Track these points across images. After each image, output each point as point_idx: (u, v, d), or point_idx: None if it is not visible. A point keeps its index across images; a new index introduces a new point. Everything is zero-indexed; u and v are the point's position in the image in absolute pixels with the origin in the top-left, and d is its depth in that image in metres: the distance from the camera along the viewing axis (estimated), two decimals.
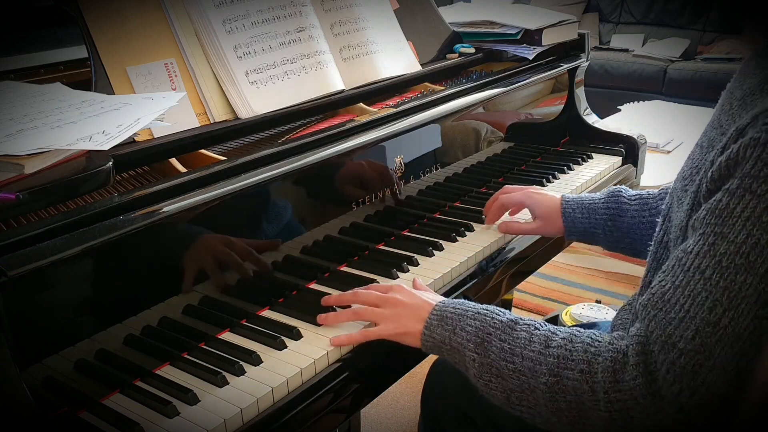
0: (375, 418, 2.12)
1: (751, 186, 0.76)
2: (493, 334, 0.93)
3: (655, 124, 3.62)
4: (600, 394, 0.82)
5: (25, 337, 0.84)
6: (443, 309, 1.00)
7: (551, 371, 0.86)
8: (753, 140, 0.77)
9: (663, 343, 0.79)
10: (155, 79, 1.15)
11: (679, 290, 0.80)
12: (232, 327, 1.08)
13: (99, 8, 1.12)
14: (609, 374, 0.81)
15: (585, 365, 0.84)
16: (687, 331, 0.77)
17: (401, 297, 1.05)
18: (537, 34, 1.78)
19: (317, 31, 1.36)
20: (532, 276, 1.99)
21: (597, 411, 0.82)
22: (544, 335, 0.89)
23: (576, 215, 1.31)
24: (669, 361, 0.78)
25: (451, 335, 0.96)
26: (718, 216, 0.78)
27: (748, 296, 0.76)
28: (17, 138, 0.88)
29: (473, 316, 0.96)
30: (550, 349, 0.87)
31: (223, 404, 0.91)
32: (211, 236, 1.05)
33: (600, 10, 5.52)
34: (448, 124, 1.49)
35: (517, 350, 0.90)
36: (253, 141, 1.24)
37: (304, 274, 1.21)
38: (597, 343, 0.85)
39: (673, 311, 0.79)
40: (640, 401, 0.79)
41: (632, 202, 1.27)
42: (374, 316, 1.05)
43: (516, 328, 0.92)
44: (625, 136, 1.87)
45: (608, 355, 0.83)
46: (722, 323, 0.76)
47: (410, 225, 1.43)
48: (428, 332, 0.99)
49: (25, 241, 0.84)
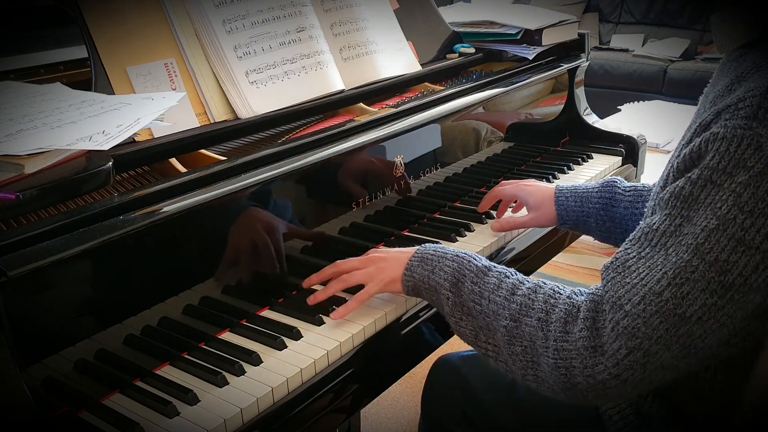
0: (375, 418, 2.12)
1: (711, 176, 0.80)
2: (467, 276, 0.99)
3: (655, 124, 3.62)
4: (550, 341, 0.87)
5: (25, 337, 0.84)
6: (424, 251, 1.07)
7: (512, 316, 0.92)
8: (713, 135, 0.81)
9: (613, 303, 0.83)
10: (155, 79, 1.15)
11: (641, 261, 0.84)
12: (232, 327, 1.08)
13: (99, 8, 1.12)
14: (561, 324, 0.87)
15: (543, 314, 0.89)
16: (635, 297, 0.81)
17: (381, 253, 1.12)
18: (537, 34, 1.78)
19: (317, 31, 1.36)
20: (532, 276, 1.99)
21: (546, 357, 0.87)
22: (512, 283, 0.95)
23: (569, 203, 1.33)
24: (614, 320, 0.82)
25: (429, 274, 1.03)
26: (684, 200, 0.82)
27: (694, 280, 0.79)
28: (17, 138, 0.88)
29: (452, 258, 1.03)
30: (515, 296, 0.93)
31: (223, 404, 0.91)
32: (211, 236, 1.05)
33: (600, 10, 5.52)
34: (448, 124, 1.49)
35: (486, 293, 0.96)
36: (253, 141, 1.24)
37: (304, 274, 1.21)
38: (557, 295, 0.91)
39: (629, 277, 0.83)
40: (581, 352, 0.84)
41: (626, 193, 1.28)
42: (360, 277, 1.10)
43: (488, 274, 0.98)
44: (625, 136, 1.87)
45: (563, 307, 0.88)
46: (664, 296, 0.80)
47: (410, 225, 1.43)
48: (409, 273, 1.06)
49: (25, 241, 0.84)
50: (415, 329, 1.14)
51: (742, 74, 0.88)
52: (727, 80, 0.91)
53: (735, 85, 0.88)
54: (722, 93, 0.89)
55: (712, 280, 0.78)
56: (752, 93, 0.82)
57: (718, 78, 0.96)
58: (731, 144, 0.79)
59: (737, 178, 0.78)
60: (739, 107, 0.81)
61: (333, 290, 1.11)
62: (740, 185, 0.78)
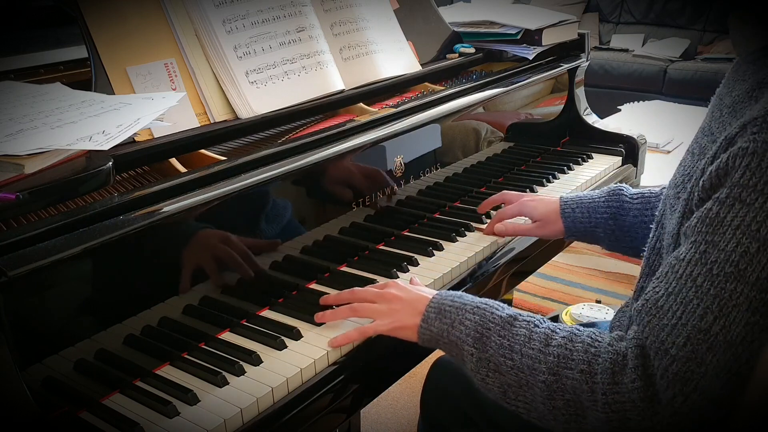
0: (375, 418, 2.12)
1: (740, 195, 0.77)
2: (492, 329, 0.92)
3: (655, 124, 3.62)
4: (599, 395, 0.82)
5: (25, 337, 0.84)
6: (441, 302, 0.99)
7: (550, 370, 0.86)
8: (741, 150, 0.78)
9: (657, 349, 0.79)
10: (155, 79, 1.15)
11: (671, 297, 0.80)
12: (232, 327, 1.08)
13: (99, 8, 1.12)
14: (608, 376, 0.81)
15: (585, 365, 0.84)
16: (679, 338, 0.78)
17: (397, 292, 1.05)
18: (537, 34, 1.78)
19: (317, 31, 1.36)
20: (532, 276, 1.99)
21: (595, 411, 0.82)
22: (544, 333, 0.89)
23: (576, 215, 1.30)
24: (662, 368, 0.78)
25: (449, 329, 0.96)
26: (709, 225, 0.79)
27: (739, 304, 0.76)
28: (17, 138, 0.88)
29: (472, 310, 0.95)
30: (549, 348, 0.87)
31: (223, 404, 0.91)
32: (211, 236, 1.05)
33: (600, 10, 5.52)
34: (448, 124, 1.49)
35: (516, 347, 0.89)
36: (253, 141, 1.24)
37: (304, 274, 1.21)
38: (597, 343, 0.85)
39: (666, 318, 0.80)
40: (638, 404, 0.79)
41: (634, 201, 1.26)
42: (371, 312, 1.05)
43: (515, 325, 0.91)
44: (625, 136, 1.87)
45: (608, 356, 0.83)
46: (713, 330, 0.77)
47: (410, 225, 1.43)
48: (426, 325, 0.99)
49: (25, 241, 0.84)
50: None
51: (763, 79, 0.85)
52: (746, 85, 0.87)
53: (756, 91, 0.85)
54: (742, 99, 0.86)
55: (755, 299, 0.76)
56: None
57: (733, 81, 0.92)
58: (763, 159, 0.76)
59: None
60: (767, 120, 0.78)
61: (342, 316, 1.07)
62: None
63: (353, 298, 1.09)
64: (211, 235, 1.06)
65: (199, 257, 1.04)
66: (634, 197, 1.27)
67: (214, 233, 1.06)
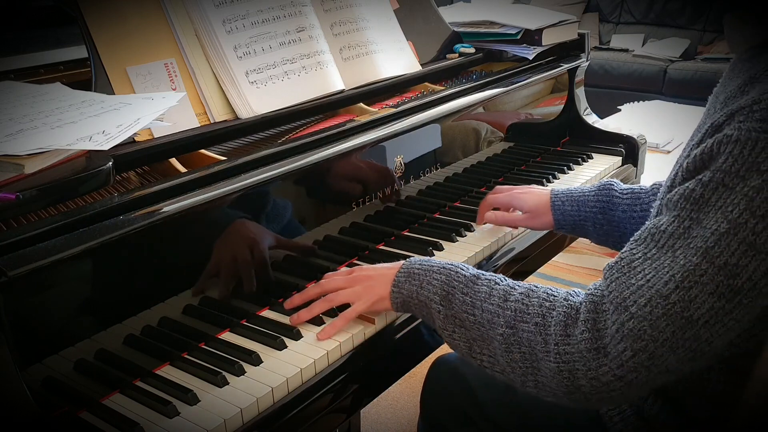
0: (375, 418, 2.12)
1: (723, 180, 0.79)
2: (456, 287, 0.98)
3: (655, 124, 3.62)
4: (551, 345, 0.86)
5: (25, 337, 0.84)
6: (410, 266, 1.05)
7: (508, 323, 0.90)
8: (727, 137, 0.80)
9: (618, 304, 0.82)
10: (155, 79, 1.15)
11: (647, 262, 0.83)
12: (232, 327, 1.08)
13: (99, 8, 1.12)
14: (560, 327, 0.86)
15: (539, 318, 0.88)
16: (641, 299, 0.80)
17: (367, 272, 1.09)
18: (537, 34, 1.78)
19: (317, 31, 1.36)
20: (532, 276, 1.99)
21: (547, 362, 0.86)
22: (503, 289, 0.94)
23: (566, 207, 1.32)
24: (619, 322, 0.81)
25: (418, 289, 1.01)
26: (694, 203, 0.81)
27: (702, 283, 0.78)
28: (17, 138, 0.88)
29: (439, 270, 1.01)
30: (508, 302, 0.92)
31: (223, 404, 0.91)
32: (211, 236, 1.05)
33: (600, 10, 5.52)
34: (448, 124, 1.49)
35: (478, 303, 0.94)
36: (253, 141, 1.24)
37: (304, 274, 1.21)
38: (552, 297, 0.89)
39: (635, 278, 0.82)
40: (584, 354, 0.83)
41: (624, 196, 1.27)
42: (346, 297, 1.08)
43: (478, 282, 0.97)
44: (625, 136, 1.87)
45: (561, 309, 0.87)
46: (672, 298, 0.79)
47: (410, 225, 1.43)
48: (396, 289, 1.04)
49: (25, 241, 0.84)
50: (414, 330, 1.14)
51: (755, 75, 0.87)
52: (739, 81, 0.89)
53: (748, 86, 0.86)
54: (734, 94, 0.88)
55: (721, 284, 0.78)
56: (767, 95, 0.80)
57: (729, 78, 0.94)
58: (745, 147, 0.78)
59: (750, 182, 0.77)
60: (754, 109, 0.80)
61: (318, 310, 1.09)
62: (753, 189, 0.77)
63: (323, 290, 1.11)
64: (211, 235, 1.05)
65: (199, 257, 1.04)
66: (624, 192, 1.28)
67: (214, 233, 1.06)
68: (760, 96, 0.81)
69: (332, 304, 1.09)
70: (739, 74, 0.91)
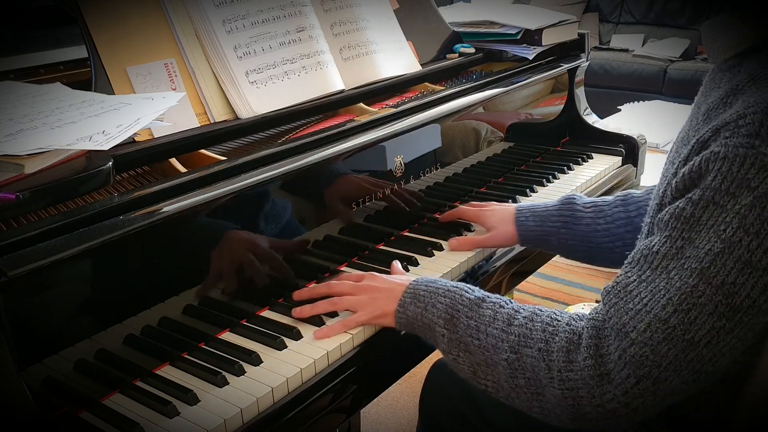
0: (375, 418, 2.12)
1: (713, 198, 0.78)
2: (461, 311, 0.97)
3: (655, 124, 3.61)
4: (555, 372, 0.84)
5: (25, 337, 0.84)
6: (416, 287, 1.03)
7: (512, 348, 0.89)
8: (714, 154, 0.79)
9: (618, 330, 0.81)
10: (155, 79, 1.15)
11: (642, 285, 0.82)
12: (232, 327, 1.08)
13: (99, 8, 1.12)
14: (563, 354, 0.84)
15: (543, 344, 0.87)
16: (640, 324, 0.79)
17: (374, 283, 1.08)
18: (537, 34, 1.78)
19: (317, 31, 1.36)
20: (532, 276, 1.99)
21: (552, 389, 0.85)
22: (507, 313, 0.93)
23: (529, 223, 1.30)
24: (621, 348, 0.80)
25: (423, 312, 1.00)
26: (685, 222, 0.80)
27: (701, 304, 0.77)
28: (17, 138, 0.88)
29: (444, 293, 1.00)
30: (512, 327, 0.91)
31: (223, 404, 0.91)
32: (211, 236, 1.05)
33: (600, 10, 5.52)
34: (448, 124, 1.49)
35: (482, 327, 0.93)
36: (253, 141, 1.24)
37: (304, 274, 1.21)
38: (555, 322, 0.88)
39: (632, 303, 0.81)
40: (588, 381, 0.82)
41: (586, 210, 1.26)
42: (350, 304, 1.08)
43: (482, 306, 0.95)
44: (625, 136, 1.87)
45: (564, 335, 0.86)
46: (671, 322, 0.78)
47: (410, 225, 1.43)
48: (402, 310, 1.03)
49: (25, 241, 0.84)
50: None
51: (737, 86, 0.85)
52: (720, 92, 0.88)
53: (731, 98, 0.85)
54: (716, 105, 0.86)
55: (720, 304, 0.77)
56: (753, 109, 0.79)
57: (709, 89, 0.93)
58: (733, 164, 0.77)
59: (741, 199, 0.76)
60: (740, 125, 0.78)
61: (321, 310, 1.09)
62: (744, 207, 0.76)
63: (330, 291, 1.11)
64: (211, 235, 1.05)
65: (199, 257, 1.04)
66: (587, 206, 1.27)
67: (214, 233, 1.06)
68: (744, 110, 0.80)
69: (335, 308, 1.09)
70: (720, 84, 0.90)
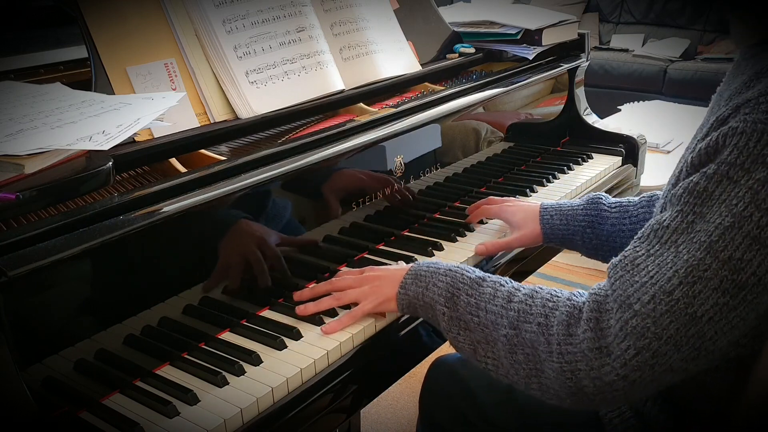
0: (375, 418, 2.12)
1: (727, 172, 0.78)
2: (461, 289, 0.98)
3: (655, 124, 3.61)
4: (554, 345, 0.85)
5: (25, 337, 0.84)
6: (418, 268, 1.05)
7: (511, 324, 0.90)
8: (732, 129, 0.79)
9: (622, 302, 0.81)
10: (155, 79, 1.15)
11: (650, 258, 0.82)
12: (232, 327, 1.08)
13: (99, 8, 1.12)
14: (563, 327, 0.85)
15: (542, 318, 0.88)
16: (645, 296, 0.79)
17: (376, 273, 1.10)
18: (537, 34, 1.78)
19: (317, 31, 1.36)
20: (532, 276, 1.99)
21: (550, 362, 0.85)
22: (507, 291, 0.94)
23: (554, 221, 1.31)
24: (623, 320, 0.80)
25: (423, 291, 1.02)
26: (697, 197, 0.80)
27: (706, 278, 0.77)
28: (17, 138, 0.88)
29: (444, 273, 1.01)
30: (511, 303, 0.92)
31: (223, 404, 0.91)
32: (211, 236, 1.05)
33: (600, 10, 5.52)
34: (448, 124, 1.49)
35: (482, 304, 0.94)
36: (253, 141, 1.24)
37: (304, 274, 1.21)
38: (555, 298, 0.89)
39: (638, 275, 0.81)
40: (587, 354, 0.82)
41: (612, 210, 1.27)
42: (354, 296, 1.09)
43: (482, 284, 0.97)
44: (625, 136, 1.87)
45: (564, 309, 0.86)
46: (675, 295, 0.78)
47: (410, 225, 1.43)
48: (403, 291, 1.05)
49: (25, 241, 0.84)
50: (414, 330, 1.14)
51: (761, 71, 0.86)
52: (744, 77, 0.88)
53: (754, 81, 0.85)
54: (739, 90, 0.87)
55: (725, 279, 0.76)
56: None
57: (733, 76, 0.93)
58: (751, 138, 0.77)
59: (755, 174, 0.76)
60: (760, 101, 0.79)
61: (325, 306, 1.10)
62: (758, 182, 0.76)
63: (332, 288, 1.12)
64: (211, 235, 1.05)
65: (199, 257, 1.04)
66: (612, 206, 1.28)
67: (214, 233, 1.06)
68: (766, 88, 0.80)
69: (340, 302, 1.10)
70: (744, 71, 0.90)
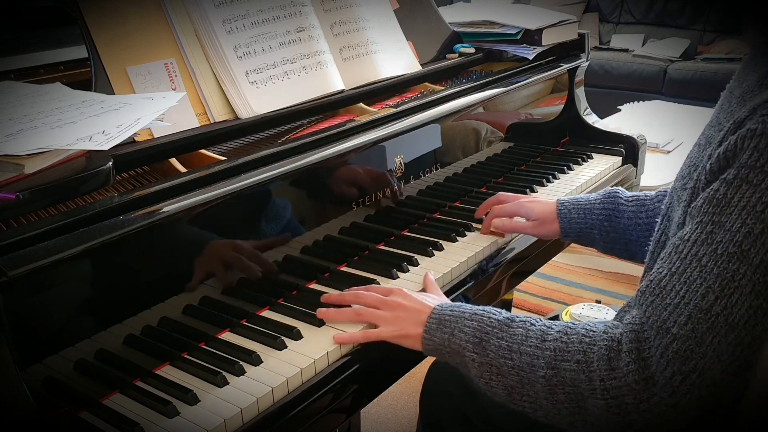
0: (375, 418, 2.12)
1: (747, 176, 0.77)
2: (490, 333, 0.94)
3: (655, 124, 3.62)
4: (596, 382, 0.82)
5: (25, 337, 0.84)
6: (441, 312, 1.01)
7: (549, 364, 0.87)
8: (750, 131, 0.78)
9: (658, 328, 0.80)
10: (155, 79, 1.15)
11: (675, 277, 0.80)
12: (232, 327, 1.08)
13: (99, 8, 1.12)
14: (604, 362, 0.82)
15: (581, 355, 0.84)
16: (680, 317, 0.78)
17: (401, 300, 1.06)
18: (537, 34, 1.78)
19: (317, 31, 1.36)
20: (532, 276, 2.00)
21: (594, 400, 0.83)
22: (540, 330, 0.90)
23: (572, 215, 1.31)
24: (663, 346, 0.79)
25: (450, 337, 0.97)
26: (716, 205, 0.79)
27: (741, 286, 0.76)
28: (17, 138, 0.88)
29: (470, 317, 0.97)
30: (546, 342, 0.88)
31: (223, 404, 0.91)
32: (211, 236, 1.05)
33: (600, 10, 5.52)
34: (448, 124, 1.49)
35: (515, 346, 0.90)
36: (253, 141, 1.24)
37: (304, 274, 1.21)
38: (592, 333, 0.86)
39: (669, 297, 0.80)
40: (633, 387, 0.80)
41: (629, 204, 1.27)
42: (375, 318, 1.06)
43: (512, 326, 0.93)
44: (625, 136, 1.87)
45: (603, 343, 0.83)
46: (714, 310, 0.77)
47: (410, 225, 1.43)
48: (428, 336, 1.00)
49: (25, 241, 0.84)
50: None
51: None
52: (756, 75, 0.87)
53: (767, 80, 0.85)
54: (752, 88, 0.86)
55: (758, 282, 0.76)
56: None
57: (744, 73, 0.92)
58: None
59: None
60: None
61: (345, 318, 1.08)
62: None
63: (357, 301, 1.09)
64: (211, 235, 1.05)
65: (199, 257, 1.04)
66: (629, 200, 1.28)
67: (214, 234, 1.06)
68: None
69: (360, 319, 1.07)
70: (756, 69, 0.89)
